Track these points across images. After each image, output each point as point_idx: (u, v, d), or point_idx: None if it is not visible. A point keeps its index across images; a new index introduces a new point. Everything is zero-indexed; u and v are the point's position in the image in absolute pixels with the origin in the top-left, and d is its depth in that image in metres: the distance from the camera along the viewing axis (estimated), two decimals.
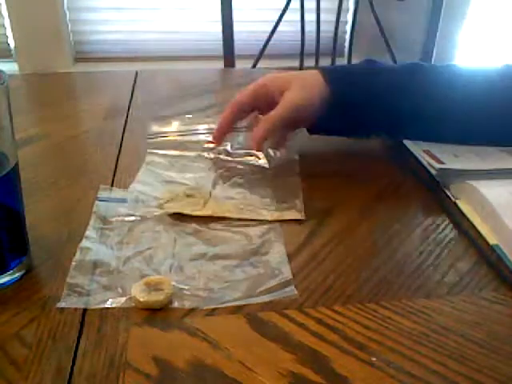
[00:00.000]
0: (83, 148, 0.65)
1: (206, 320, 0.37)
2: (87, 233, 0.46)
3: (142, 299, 0.38)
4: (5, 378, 0.33)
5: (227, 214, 0.50)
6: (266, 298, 0.40)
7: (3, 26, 1.90)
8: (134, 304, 0.39)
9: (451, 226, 0.49)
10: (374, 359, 0.34)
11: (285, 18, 1.32)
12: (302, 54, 1.42)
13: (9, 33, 1.91)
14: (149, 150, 0.62)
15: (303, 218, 0.50)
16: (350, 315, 0.38)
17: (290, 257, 0.44)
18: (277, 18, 1.33)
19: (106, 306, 0.39)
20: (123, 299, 0.39)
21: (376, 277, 0.42)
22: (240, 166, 0.60)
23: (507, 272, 0.42)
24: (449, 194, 0.53)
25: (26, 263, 0.42)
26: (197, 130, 0.68)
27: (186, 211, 0.50)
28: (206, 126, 0.68)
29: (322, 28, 1.41)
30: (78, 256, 0.43)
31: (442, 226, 0.49)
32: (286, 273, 0.42)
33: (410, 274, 0.43)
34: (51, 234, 0.47)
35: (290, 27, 1.45)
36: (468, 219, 0.49)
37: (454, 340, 0.36)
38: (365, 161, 0.62)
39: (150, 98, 0.81)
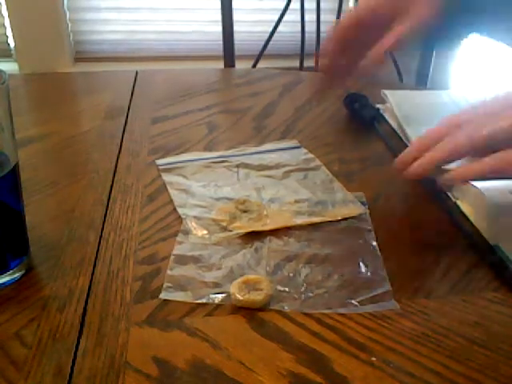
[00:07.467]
0: (83, 148, 0.65)
1: (206, 320, 0.37)
2: (182, 228, 0.47)
3: (242, 297, 0.38)
4: (5, 377, 0.33)
5: (291, 223, 0.48)
6: (366, 309, 0.39)
7: (3, 25, 1.90)
8: (233, 302, 0.39)
9: (451, 226, 0.49)
10: (373, 359, 0.34)
11: (285, 18, 1.32)
12: (302, 54, 1.42)
13: (9, 33, 1.91)
14: (162, 171, 0.58)
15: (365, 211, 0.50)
16: (350, 315, 0.38)
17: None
18: (277, 18, 1.32)
19: (204, 301, 0.39)
20: (221, 296, 0.39)
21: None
22: (268, 160, 0.59)
23: (507, 272, 0.42)
24: (449, 194, 0.53)
25: (26, 263, 0.42)
26: (205, 157, 0.61)
27: (257, 228, 0.47)
28: (212, 155, 0.62)
29: (321, 28, 1.41)
30: (176, 250, 0.44)
31: (442, 225, 0.49)
32: (385, 283, 0.41)
33: (410, 274, 0.43)
34: (51, 234, 0.47)
35: (290, 27, 1.45)
36: (468, 219, 0.49)
37: (454, 340, 0.36)
38: (365, 161, 0.62)
39: (150, 98, 0.81)
